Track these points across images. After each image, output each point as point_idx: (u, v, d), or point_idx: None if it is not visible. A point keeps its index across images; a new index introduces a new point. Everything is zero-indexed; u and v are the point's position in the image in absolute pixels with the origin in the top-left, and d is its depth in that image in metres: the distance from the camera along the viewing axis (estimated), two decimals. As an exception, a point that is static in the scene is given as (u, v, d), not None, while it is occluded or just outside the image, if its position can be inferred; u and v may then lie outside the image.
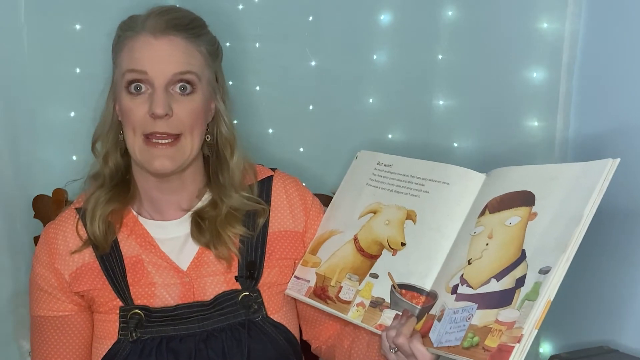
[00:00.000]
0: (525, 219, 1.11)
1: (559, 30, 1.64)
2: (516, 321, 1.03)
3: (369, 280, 1.27)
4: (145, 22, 1.27)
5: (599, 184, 1.05)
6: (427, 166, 1.31)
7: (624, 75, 1.55)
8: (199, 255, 1.32)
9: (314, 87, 1.82)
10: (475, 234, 1.17)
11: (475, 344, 1.06)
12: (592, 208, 1.04)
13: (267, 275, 1.34)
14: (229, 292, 1.31)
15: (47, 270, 1.33)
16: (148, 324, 1.27)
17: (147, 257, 1.30)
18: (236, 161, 1.35)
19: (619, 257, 1.55)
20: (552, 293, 1.03)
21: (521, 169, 1.17)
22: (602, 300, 1.59)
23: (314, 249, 1.38)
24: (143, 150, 1.27)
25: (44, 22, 1.66)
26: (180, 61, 1.26)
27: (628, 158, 1.52)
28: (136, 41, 1.27)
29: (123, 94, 1.27)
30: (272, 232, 1.37)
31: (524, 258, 1.08)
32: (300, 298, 1.35)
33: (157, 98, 1.24)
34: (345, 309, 1.28)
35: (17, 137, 1.66)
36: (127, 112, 1.27)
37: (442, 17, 1.79)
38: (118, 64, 1.30)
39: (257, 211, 1.35)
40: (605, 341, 1.54)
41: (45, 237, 1.35)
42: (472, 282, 1.12)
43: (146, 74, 1.25)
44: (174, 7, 1.35)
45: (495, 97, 1.76)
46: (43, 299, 1.33)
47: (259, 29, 1.79)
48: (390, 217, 1.30)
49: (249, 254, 1.34)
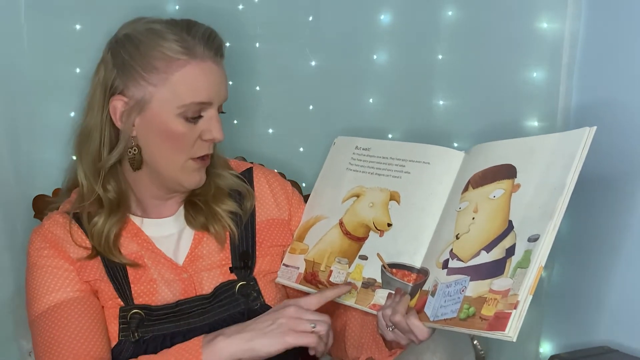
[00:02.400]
0: (509, 191, 1.13)
1: (559, 30, 1.65)
2: (510, 289, 1.05)
3: (359, 262, 1.29)
4: (202, 47, 1.23)
5: (578, 152, 1.07)
6: (406, 147, 1.32)
7: (624, 75, 1.55)
8: (192, 250, 1.32)
9: (314, 87, 1.83)
10: (460, 209, 1.19)
11: (472, 314, 1.08)
12: (574, 176, 1.06)
13: (260, 263, 1.35)
14: (227, 282, 1.32)
15: (54, 257, 1.28)
16: (149, 322, 1.27)
17: (145, 254, 1.31)
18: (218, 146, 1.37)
19: (618, 257, 1.55)
20: (543, 259, 1.04)
21: (500, 143, 1.20)
22: (602, 300, 1.59)
23: (301, 235, 1.39)
24: (187, 169, 1.27)
25: (44, 22, 1.66)
26: (227, 86, 1.29)
27: (628, 157, 1.53)
28: (199, 68, 1.23)
29: (174, 119, 1.23)
30: (260, 221, 1.38)
31: (511, 229, 1.10)
32: (291, 285, 1.36)
33: (218, 125, 1.25)
34: None
35: (17, 137, 1.66)
36: (177, 137, 1.24)
37: (442, 17, 1.79)
38: (164, 85, 1.22)
39: (242, 193, 1.37)
40: (605, 341, 1.54)
41: (41, 235, 1.30)
42: (462, 256, 1.14)
43: (211, 105, 1.25)
44: (213, 29, 1.29)
45: (495, 97, 1.76)
46: (54, 282, 1.26)
47: (259, 29, 1.79)
48: (374, 199, 1.31)
49: (241, 244, 1.35)
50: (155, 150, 1.26)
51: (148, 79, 1.23)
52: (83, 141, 1.30)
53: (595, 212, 1.60)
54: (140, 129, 1.26)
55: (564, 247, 1.64)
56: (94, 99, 1.28)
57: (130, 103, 1.24)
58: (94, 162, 1.28)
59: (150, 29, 1.25)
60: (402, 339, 1.19)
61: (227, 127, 1.44)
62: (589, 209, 1.60)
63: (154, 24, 1.26)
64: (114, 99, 1.25)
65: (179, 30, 1.24)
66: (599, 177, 1.51)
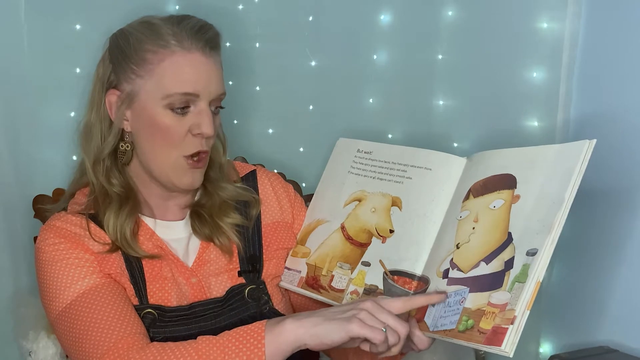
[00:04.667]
0: (509, 202, 1.13)
1: (559, 30, 1.64)
2: (508, 303, 1.05)
3: (362, 268, 1.28)
4: (191, 38, 1.23)
5: (577, 166, 1.06)
6: (407, 152, 1.32)
7: (624, 75, 1.55)
8: (200, 255, 1.32)
9: (314, 87, 1.83)
10: (461, 218, 1.18)
11: (470, 326, 1.08)
12: (573, 190, 1.06)
13: (267, 266, 1.35)
14: (237, 286, 1.31)
15: (73, 249, 1.25)
16: (161, 323, 1.26)
17: (160, 254, 1.30)
18: (227, 158, 1.39)
19: (619, 257, 1.55)
20: (540, 274, 1.04)
21: (501, 152, 1.19)
22: (602, 300, 1.59)
23: (302, 239, 1.39)
24: (178, 167, 1.26)
25: (44, 22, 1.66)
26: (221, 81, 1.27)
27: (628, 157, 1.53)
28: (185, 59, 1.22)
29: (161, 111, 1.22)
30: (266, 224, 1.38)
31: (510, 241, 1.10)
32: (293, 289, 1.36)
33: (207, 119, 1.23)
34: (339, 297, 1.29)
35: (17, 137, 1.66)
36: (165, 130, 1.23)
37: (442, 17, 1.79)
38: (150, 76, 1.23)
39: (249, 202, 1.37)
40: (605, 341, 1.54)
41: (54, 230, 1.26)
42: (462, 266, 1.14)
43: (198, 97, 1.23)
44: (207, 22, 1.29)
45: (495, 97, 1.76)
46: (79, 271, 1.23)
47: (259, 29, 1.79)
48: (376, 204, 1.31)
49: (248, 247, 1.35)
50: (146, 145, 1.26)
51: (137, 71, 1.23)
52: (86, 137, 1.31)
53: (596, 212, 1.60)
54: (132, 124, 1.27)
55: (564, 247, 1.64)
56: (94, 95, 1.30)
57: (122, 96, 1.25)
58: (96, 157, 1.29)
59: (143, 22, 1.27)
60: (403, 346, 1.17)
61: (227, 127, 1.45)
62: (590, 209, 1.60)
63: (151, 18, 1.27)
64: (109, 93, 1.27)
65: (170, 23, 1.25)
66: (599, 177, 1.50)
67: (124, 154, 1.28)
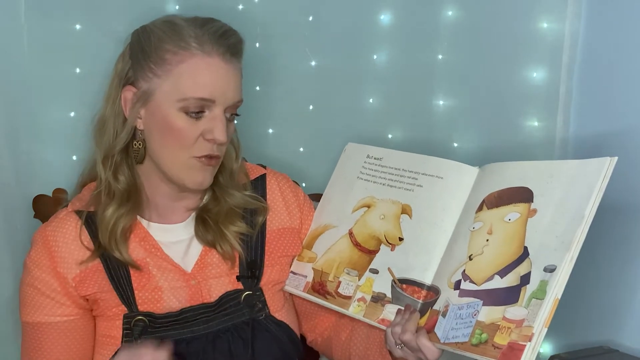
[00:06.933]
0: (525, 215, 1.11)
1: (559, 30, 1.65)
2: (525, 319, 1.03)
3: (370, 275, 1.27)
4: (212, 42, 1.21)
5: (598, 183, 1.05)
6: (418, 160, 1.30)
7: (624, 75, 1.55)
8: (202, 257, 1.31)
9: (314, 87, 1.83)
10: (474, 229, 1.17)
11: (484, 340, 1.06)
12: (593, 207, 1.05)
13: (268, 273, 1.34)
14: (232, 292, 1.30)
15: (48, 275, 1.28)
16: (153, 329, 1.26)
17: (152, 261, 1.29)
18: (240, 164, 1.36)
19: (619, 257, 1.55)
20: (559, 291, 1.03)
21: (517, 164, 1.17)
22: (602, 300, 1.59)
23: (309, 243, 1.38)
24: (189, 166, 1.24)
25: (44, 22, 1.66)
26: (239, 89, 1.25)
27: (629, 158, 1.53)
28: (204, 62, 1.20)
29: (175, 113, 1.21)
30: (271, 230, 1.37)
31: (527, 255, 1.08)
32: (298, 294, 1.35)
33: (220, 125, 1.22)
34: (346, 304, 1.28)
35: (17, 137, 1.66)
36: (177, 133, 1.22)
37: (442, 17, 1.79)
38: (168, 77, 1.21)
39: (256, 209, 1.36)
40: (605, 341, 1.54)
41: (43, 240, 1.29)
42: (474, 278, 1.12)
43: (213, 103, 1.21)
44: (231, 28, 1.28)
45: (495, 97, 1.76)
46: (44, 304, 1.29)
47: (259, 29, 1.79)
48: (385, 211, 1.30)
49: (250, 253, 1.33)
50: (157, 145, 1.25)
51: (155, 70, 1.22)
52: (99, 131, 1.30)
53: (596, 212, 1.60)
54: (145, 122, 1.25)
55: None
56: (110, 89, 1.28)
57: (138, 94, 1.24)
58: (106, 152, 1.28)
59: (167, 21, 1.25)
60: (411, 356, 1.17)
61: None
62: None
63: (175, 18, 1.26)
64: (125, 89, 1.25)
65: (194, 25, 1.23)
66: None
67: (137, 152, 1.27)
